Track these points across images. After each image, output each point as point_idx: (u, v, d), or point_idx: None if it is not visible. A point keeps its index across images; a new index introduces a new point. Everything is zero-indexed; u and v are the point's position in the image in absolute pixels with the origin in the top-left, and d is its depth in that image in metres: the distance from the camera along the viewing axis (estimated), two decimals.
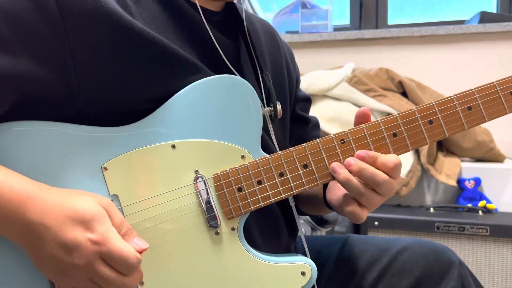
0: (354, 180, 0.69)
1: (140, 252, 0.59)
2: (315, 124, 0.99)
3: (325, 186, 0.84)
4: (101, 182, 0.67)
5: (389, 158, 0.69)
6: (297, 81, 0.97)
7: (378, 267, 0.86)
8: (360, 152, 0.70)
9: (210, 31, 0.73)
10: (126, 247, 0.58)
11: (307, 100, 1.00)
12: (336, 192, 0.77)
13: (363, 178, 0.69)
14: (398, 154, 0.72)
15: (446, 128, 0.72)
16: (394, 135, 0.72)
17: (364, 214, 0.71)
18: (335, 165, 0.70)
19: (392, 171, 0.69)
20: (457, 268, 0.83)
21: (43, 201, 0.59)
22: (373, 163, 0.69)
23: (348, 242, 0.93)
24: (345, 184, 0.69)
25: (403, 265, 0.85)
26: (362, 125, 0.72)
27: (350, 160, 0.69)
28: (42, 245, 0.58)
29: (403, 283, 0.84)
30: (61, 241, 0.57)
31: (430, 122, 0.72)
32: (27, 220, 0.58)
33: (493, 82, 0.72)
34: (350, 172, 0.69)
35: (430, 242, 0.88)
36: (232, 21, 0.82)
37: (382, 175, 0.68)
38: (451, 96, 0.72)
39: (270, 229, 0.81)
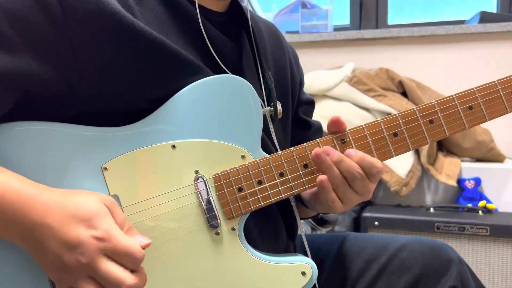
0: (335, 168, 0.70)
1: (143, 248, 0.60)
2: (317, 129, 0.99)
3: None
4: (101, 183, 0.67)
5: (375, 162, 0.71)
6: (301, 84, 0.97)
7: (377, 264, 0.86)
8: (349, 150, 0.71)
9: (204, 32, 0.73)
10: (131, 242, 0.58)
11: (311, 103, 0.99)
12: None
13: (341, 169, 0.70)
14: (398, 154, 0.72)
15: (447, 127, 0.72)
16: (395, 134, 0.72)
17: (338, 206, 0.72)
18: (319, 149, 0.70)
19: (373, 176, 0.71)
20: (457, 266, 0.83)
21: (44, 201, 0.59)
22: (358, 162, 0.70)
23: (346, 240, 0.93)
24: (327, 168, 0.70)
25: (402, 262, 0.85)
26: (363, 124, 0.72)
27: (329, 149, 0.70)
28: (45, 245, 0.58)
29: (402, 281, 0.84)
30: (63, 240, 0.57)
31: (431, 121, 0.72)
32: (29, 221, 0.58)
33: (494, 81, 0.72)
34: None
35: (429, 240, 0.88)
36: (236, 21, 0.82)
37: (359, 170, 0.70)
38: (452, 96, 0.72)
39: (269, 230, 0.81)
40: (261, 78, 0.80)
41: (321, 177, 0.70)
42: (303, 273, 0.71)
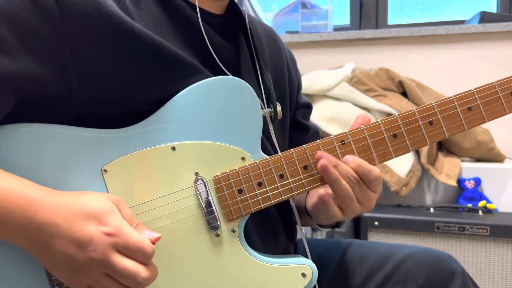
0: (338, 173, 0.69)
1: (153, 242, 0.60)
2: (315, 132, 0.99)
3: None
4: (101, 185, 0.67)
5: (372, 169, 0.70)
6: (299, 87, 0.97)
7: (381, 274, 0.86)
8: (347, 156, 0.70)
9: (205, 34, 0.73)
10: (141, 237, 0.59)
11: (308, 107, 1.00)
12: (315, 197, 0.78)
13: (360, 174, 0.69)
14: (398, 155, 0.72)
15: (446, 128, 0.72)
16: (394, 136, 0.72)
17: (339, 216, 0.72)
18: (325, 161, 0.69)
19: (370, 183, 0.70)
20: (460, 278, 0.83)
21: (51, 202, 0.59)
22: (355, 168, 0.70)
23: (351, 247, 0.93)
24: (332, 174, 0.69)
25: (406, 273, 0.85)
26: (362, 126, 0.72)
27: (324, 154, 0.70)
28: (54, 245, 0.58)
29: None
30: (74, 238, 0.57)
31: (430, 123, 0.72)
32: (36, 222, 0.58)
33: (493, 83, 0.72)
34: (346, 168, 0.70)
35: (434, 251, 0.89)
36: (233, 24, 0.82)
37: (354, 174, 0.69)
38: (451, 97, 0.72)
39: (268, 232, 0.81)
40: (260, 80, 0.80)
41: (321, 191, 0.70)
42: (303, 275, 0.72)
